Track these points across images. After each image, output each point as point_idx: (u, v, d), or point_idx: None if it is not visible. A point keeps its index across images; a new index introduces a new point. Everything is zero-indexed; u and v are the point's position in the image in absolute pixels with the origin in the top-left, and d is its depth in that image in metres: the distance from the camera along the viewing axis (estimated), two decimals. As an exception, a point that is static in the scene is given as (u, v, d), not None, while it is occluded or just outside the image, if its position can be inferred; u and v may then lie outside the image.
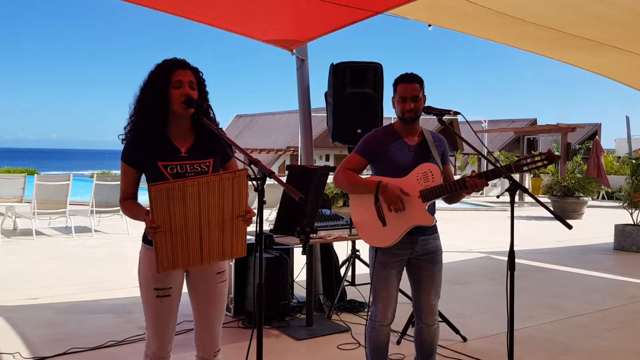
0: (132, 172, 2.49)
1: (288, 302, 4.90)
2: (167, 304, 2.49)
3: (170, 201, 2.24)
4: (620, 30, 5.62)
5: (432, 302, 3.11)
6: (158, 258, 2.31)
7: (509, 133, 30.15)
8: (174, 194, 2.24)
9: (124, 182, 2.51)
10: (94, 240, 9.45)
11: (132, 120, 2.48)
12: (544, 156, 2.76)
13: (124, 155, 2.48)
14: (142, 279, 2.52)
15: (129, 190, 2.51)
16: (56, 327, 4.70)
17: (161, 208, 2.24)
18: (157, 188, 2.22)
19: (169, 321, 2.53)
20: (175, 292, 2.53)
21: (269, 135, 34.15)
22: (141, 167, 2.47)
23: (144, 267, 2.50)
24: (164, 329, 2.52)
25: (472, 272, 7.31)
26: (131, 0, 4.31)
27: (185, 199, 2.26)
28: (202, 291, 2.57)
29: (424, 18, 5.61)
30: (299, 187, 3.71)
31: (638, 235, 9.09)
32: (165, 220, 2.26)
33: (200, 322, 2.60)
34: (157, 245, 2.30)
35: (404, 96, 3.01)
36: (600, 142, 17.52)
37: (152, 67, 2.51)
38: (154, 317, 2.50)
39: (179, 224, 2.29)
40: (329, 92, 5.20)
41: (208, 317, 2.59)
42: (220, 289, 2.60)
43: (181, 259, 2.35)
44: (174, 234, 2.30)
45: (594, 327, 4.94)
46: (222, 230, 2.38)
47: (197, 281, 2.57)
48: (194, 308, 2.61)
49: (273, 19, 5.05)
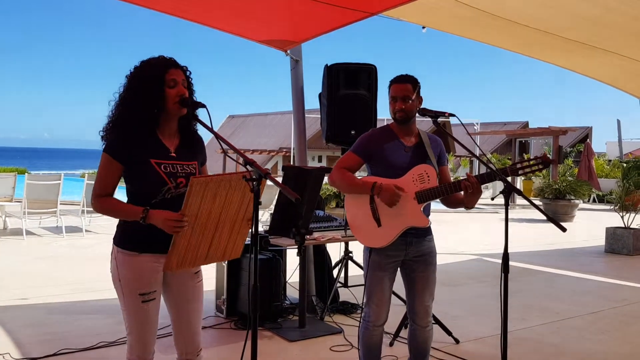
0: (117, 167, 2.36)
1: (281, 303, 4.89)
2: (153, 308, 2.45)
3: (204, 195, 2.22)
4: (612, 33, 5.65)
5: (425, 303, 3.11)
6: (171, 256, 2.28)
7: (500, 136, 30.24)
8: (210, 188, 2.22)
9: (107, 177, 2.37)
10: (85, 240, 9.40)
11: (118, 116, 2.39)
12: (539, 160, 2.76)
13: (111, 149, 2.36)
14: (123, 284, 2.43)
15: (110, 186, 2.38)
16: (46, 327, 4.66)
17: (195, 202, 2.22)
18: (199, 180, 2.19)
19: (154, 325, 2.49)
20: (158, 295, 2.48)
21: (262, 136, 34.07)
22: (128, 163, 2.36)
23: (125, 272, 2.42)
24: (149, 334, 2.47)
25: (464, 274, 7.33)
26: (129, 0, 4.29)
27: (215, 195, 2.25)
28: (180, 292, 2.53)
29: (418, 20, 5.62)
30: (294, 188, 3.69)
31: (629, 238, 9.15)
32: (193, 215, 2.24)
33: (180, 323, 2.56)
34: (175, 243, 2.26)
35: (394, 96, 3.01)
36: (591, 145, 17.61)
37: (138, 64, 2.43)
38: (138, 323, 2.44)
39: (202, 221, 2.28)
40: (323, 94, 5.19)
41: (188, 317, 2.55)
42: (198, 289, 2.58)
43: (190, 259, 2.34)
44: (194, 232, 2.28)
45: (586, 330, 4.96)
46: (231, 231, 2.38)
47: (174, 282, 2.52)
48: (172, 309, 2.57)
49: (267, 19, 5.03)
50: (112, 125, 2.41)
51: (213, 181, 2.22)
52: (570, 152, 23.16)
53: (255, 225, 2.17)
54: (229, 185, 2.26)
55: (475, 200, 2.90)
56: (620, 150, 26.95)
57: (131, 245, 2.41)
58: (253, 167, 2.17)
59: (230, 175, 2.27)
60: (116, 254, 2.47)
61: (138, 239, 2.40)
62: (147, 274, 2.40)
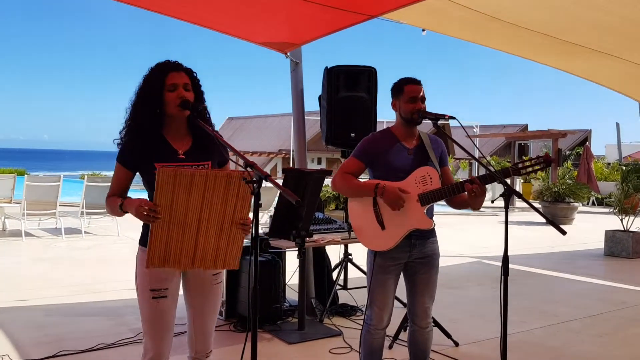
0: (124, 173, 2.48)
1: (280, 305, 4.88)
2: (164, 306, 2.46)
3: (176, 187, 2.23)
4: (612, 37, 5.66)
5: (426, 304, 3.11)
6: (150, 251, 2.28)
7: (500, 138, 30.28)
8: (181, 180, 2.23)
9: (116, 182, 2.51)
10: (84, 241, 9.38)
11: (128, 123, 2.48)
12: (541, 159, 2.76)
13: (119, 157, 2.49)
14: (139, 282, 2.49)
15: (119, 189, 2.51)
16: (46, 329, 4.66)
17: (166, 192, 2.22)
18: (166, 171, 2.21)
19: (166, 325, 2.49)
20: (172, 295, 2.50)
21: (261, 137, 34.08)
22: (136, 169, 2.48)
23: (139, 268, 2.47)
24: (161, 333, 2.48)
25: (464, 277, 7.33)
26: (128, 2, 4.29)
27: (190, 188, 2.25)
28: (198, 292, 2.57)
29: (418, 22, 5.62)
30: (294, 190, 3.70)
31: (628, 241, 9.14)
32: (167, 207, 2.24)
33: (194, 323, 2.59)
34: (152, 235, 2.27)
35: (414, 96, 3.01)
36: (590, 148, 17.60)
37: (146, 71, 2.51)
38: (150, 320, 2.47)
39: (179, 215, 2.27)
40: (323, 96, 5.19)
41: (203, 317, 2.58)
42: (216, 290, 2.60)
43: (173, 257, 2.32)
44: (172, 226, 2.27)
45: (586, 333, 4.95)
46: (220, 233, 2.35)
47: (193, 281, 2.56)
48: (189, 308, 2.60)
49: (268, 21, 5.04)
50: (124, 132, 2.49)
51: (183, 174, 2.22)
52: (569, 155, 23.18)
53: (256, 227, 2.17)
54: (205, 179, 2.25)
55: (481, 201, 2.89)
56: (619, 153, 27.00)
57: (146, 241, 2.42)
58: (254, 169, 2.17)
59: (207, 172, 2.28)
60: (138, 252, 2.52)
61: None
62: (158, 270, 2.41)
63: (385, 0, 4.51)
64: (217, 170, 2.32)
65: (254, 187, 2.14)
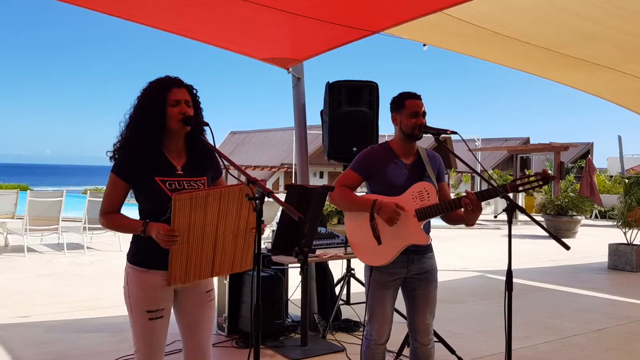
0: (123, 186, 2.45)
1: (283, 321, 4.85)
2: (160, 326, 2.45)
3: (192, 210, 2.24)
4: (613, 51, 5.68)
5: (426, 321, 3.09)
6: (172, 270, 2.29)
7: (502, 152, 30.30)
8: (197, 203, 2.24)
9: (112, 195, 2.46)
10: (86, 257, 9.37)
11: (125, 136, 2.47)
12: (540, 176, 2.76)
13: (117, 169, 2.45)
14: (131, 301, 2.45)
15: (116, 203, 2.47)
16: (47, 346, 4.63)
17: (183, 217, 2.24)
18: (182, 197, 2.22)
19: (161, 343, 2.48)
20: (167, 314, 2.49)
21: (263, 152, 34.18)
22: (133, 181, 2.44)
23: (133, 288, 2.44)
24: (156, 352, 2.47)
25: (467, 291, 7.28)
26: (132, 20, 4.33)
27: (206, 208, 2.27)
28: (191, 310, 2.55)
29: (419, 38, 5.65)
30: (297, 206, 3.69)
31: (632, 255, 9.10)
32: (185, 230, 2.26)
33: (191, 342, 2.56)
34: (172, 257, 2.28)
35: (416, 111, 3.01)
36: (592, 161, 17.57)
37: (144, 85, 2.51)
38: (145, 340, 2.44)
39: (196, 234, 2.29)
40: (324, 111, 5.21)
41: (199, 336, 2.55)
42: (210, 307, 2.59)
43: (193, 272, 2.35)
44: (191, 245, 2.29)
45: (591, 348, 4.91)
46: (236, 240, 2.39)
47: (186, 300, 2.54)
48: (183, 328, 2.57)
49: (270, 37, 5.07)
50: (120, 145, 2.47)
51: (198, 197, 2.24)
52: (571, 168, 23.13)
53: (258, 243, 2.17)
54: (219, 197, 2.28)
55: (476, 217, 2.89)
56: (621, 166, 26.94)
57: (140, 261, 2.43)
58: (256, 185, 2.17)
59: (221, 190, 2.31)
60: (127, 270, 2.49)
61: (147, 255, 2.41)
62: (154, 290, 2.41)
63: (386, 17, 4.53)
64: (229, 186, 2.34)
65: (256, 204, 2.14)
